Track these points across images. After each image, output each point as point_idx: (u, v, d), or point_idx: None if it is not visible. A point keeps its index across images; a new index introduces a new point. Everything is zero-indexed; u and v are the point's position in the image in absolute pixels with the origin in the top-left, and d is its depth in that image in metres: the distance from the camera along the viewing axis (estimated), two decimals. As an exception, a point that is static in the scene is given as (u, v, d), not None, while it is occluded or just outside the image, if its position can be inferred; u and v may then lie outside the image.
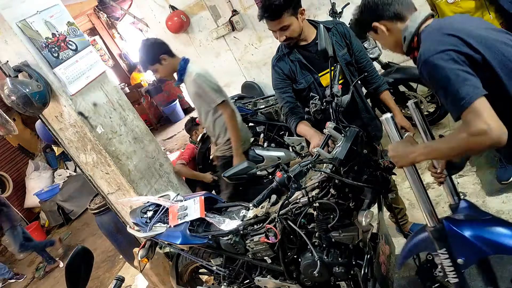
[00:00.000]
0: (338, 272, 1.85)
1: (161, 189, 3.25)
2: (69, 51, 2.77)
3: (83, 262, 1.96)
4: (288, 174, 1.63)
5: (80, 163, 3.02)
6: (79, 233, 6.37)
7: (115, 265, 4.72)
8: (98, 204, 3.46)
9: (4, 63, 2.52)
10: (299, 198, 1.85)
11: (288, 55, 2.21)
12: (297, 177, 1.64)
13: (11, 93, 2.44)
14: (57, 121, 2.81)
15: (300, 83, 2.22)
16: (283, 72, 2.23)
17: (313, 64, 2.18)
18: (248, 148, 3.16)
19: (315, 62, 2.16)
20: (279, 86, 2.27)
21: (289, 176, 1.63)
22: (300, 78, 2.21)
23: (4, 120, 2.96)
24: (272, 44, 4.82)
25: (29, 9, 2.61)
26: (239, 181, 1.85)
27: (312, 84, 2.21)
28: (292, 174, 1.63)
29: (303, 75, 2.21)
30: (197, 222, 2.25)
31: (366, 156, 1.78)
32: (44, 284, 5.29)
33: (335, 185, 1.73)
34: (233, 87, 5.25)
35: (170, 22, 4.84)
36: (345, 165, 1.70)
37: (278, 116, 3.75)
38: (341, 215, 1.76)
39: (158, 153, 3.36)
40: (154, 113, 9.92)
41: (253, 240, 2.03)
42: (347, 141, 1.71)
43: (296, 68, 2.21)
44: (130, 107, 3.23)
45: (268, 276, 2.16)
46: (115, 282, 2.05)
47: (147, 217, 2.34)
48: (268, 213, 2.02)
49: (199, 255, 2.35)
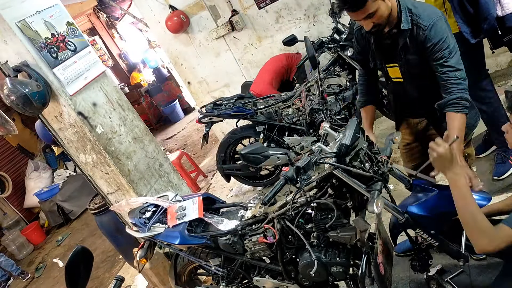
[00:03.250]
0: (336, 271, 1.85)
1: (160, 189, 3.26)
2: (68, 52, 2.77)
3: (83, 262, 1.97)
4: (297, 165, 1.59)
5: (80, 163, 3.02)
6: (78, 233, 6.37)
7: (114, 265, 4.73)
8: (98, 204, 3.46)
9: (4, 63, 2.52)
10: (297, 198, 1.86)
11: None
12: (306, 169, 1.60)
13: (11, 93, 2.44)
14: (57, 121, 2.82)
15: (373, 62, 2.16)
16: (357, 44, 2.19)
17: (382, 53, 2.07)
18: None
19: (386, 52, 2.04)
20: (356, 56, 2.28)
21: (298, 167, 1.58)
22: (372, 60, 2.16)
23: (3, 120, 2.97)
24: (272, 44, 4.83)
25: (29, 9, 2.61)
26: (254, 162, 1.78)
27: (381, 69, 2.16)
28: (301, 165, 1.59)
29: (373, 60, 2.15)
30: (196, 223, 2.25)
31: (366, 149, 1.78)
32: (44, 284, 5.30)
33: (332, 184, 1.74)
34: (233, 87, 5.25)
35: (170, 22, 4.84)
36: (349, 153, 1.68)
37: (278, 116, 3.75)
38: (339, 215, 1.76)
39: (157, 153, 3.37)
40: (154, 113, 9.92)
41: (251, 240, 2.03)
42: (349, 130, 1.70)
43: (369, 49, 2.12)
44: (130, 107, 3.23)
45: (266, 276, 2.17)
46: (115, 282, 2.05)
47: (145, 218, 2.35)
48: (266, 213, 2.02)
49: (197, 255, 2.36)
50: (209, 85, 5.39)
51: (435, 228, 1.77)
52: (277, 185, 1.64)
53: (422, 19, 1.85)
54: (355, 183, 1.68)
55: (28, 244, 6.61)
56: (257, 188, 4.34)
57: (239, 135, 4.01)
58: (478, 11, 2.28)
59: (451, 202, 1.58)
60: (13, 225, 6.90)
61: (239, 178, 4.18)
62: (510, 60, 4.15)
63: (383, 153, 1.84)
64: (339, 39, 3.69)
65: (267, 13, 4.65)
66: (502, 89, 3.73)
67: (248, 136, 4.01)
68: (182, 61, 5.31)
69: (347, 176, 1.67)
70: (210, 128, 4.06)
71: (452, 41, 1.84)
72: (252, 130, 3.89)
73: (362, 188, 1.68)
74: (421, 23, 1.84)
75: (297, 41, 3.86)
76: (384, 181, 1.73)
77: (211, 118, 3.90)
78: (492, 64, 4.10)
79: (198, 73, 5.33)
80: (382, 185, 1.68)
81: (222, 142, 4.07)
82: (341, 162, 1.66)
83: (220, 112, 3.80)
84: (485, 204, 1.68)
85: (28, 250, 6.55)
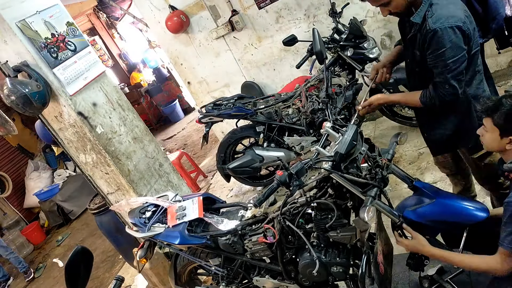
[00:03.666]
0: (336, 271, 1.85)
1: (160, 189, 3.26)
2: (68, 52, 2.77)
3: (83, 262, 1.97)
4: (290, 171, 1.60)
5: (80, 163, 3.02)
6: (78, 233, 6.37)
7: (114, 265, 4.73)
8: (98, 204, 3.46)
9: (4, 63, 2.52)
10: (297, 198, 1.86)
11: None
12: (299, 174, 1.61)
13: (11, 93, 2.44)
14: (57, 121, 2.82)
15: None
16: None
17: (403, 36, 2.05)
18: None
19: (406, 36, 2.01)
20: None
21: (290, 173, 1.60)
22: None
23: (3, 120, 2.97)
24: (272, 44, 4.83)
25: (29, 9, 2.61)
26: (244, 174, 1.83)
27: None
28: (294, 171, 1.60)
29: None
30: (196, 222, 2.26)
31: (365, 153, 1.78)
32: (44, 284, 5.30)
33: (332, 185, 1.74)
34: (233, 87, 5.25)
35: (170, 22, 4.84)
36: (346, 160, 1.69)
37: (278, 116, 3.75)
38: (339, 215, 1.76)
39: (157, 153, 3.37)
40: (154, 113, 9.92)
41: (251, 240, 2.03)
42: (347, 137, 1.70)
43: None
44: (130, 107, 3.23)
45: (266, 276, 2.17)
46: (114, 282, 2.05)
47: (145, 218, 2.35)
48: (266, 213, 2.02)
49: (197, 255, 2.36)
50: (209, 85, 5.39)
51: (430, 233, 1.78)
52: (269, 188, 1.65)
53: (432, 19, 1.77)
54: (351, 186, 1.68)
55: (28, 244, 6.61)
56: (257, 188, 4.34)
57: (239, 135, 4.01)
58: (487, 10, 2.27)
59: (447, 211, 1.66)
60: (13, 225, 6.90)
61: (239, 178, 4.17)
62: (510, 60, 4.16)
63: (385, 155, 1.84)
64: (339, 39, 3.68)
65: (267, 13, 4.65)
66: (502, 89, 3.73)
67: (248, 136, 4.00)
68: (182, 61, 5.31)
69: (344, 180, 1.68)
70: (210, 128, 4.06)
71: (452, 52, 1.75)
72: (252, 130, 3.89)
73: (358, 192, 1.69)
74: (429, 23, 1.78)
75: (297, 41, 3.85)
76: (383, 185, 1.73)
77: (211, 118, 3.90)
78: (492, 64, 4.10)
79: (198, 73, 5.33)
80: (378, 190, 1.69)
81: (222, 142, 4.07)
82: (337, 168, 1.68)
83: (220, 112, 3.80)
84: (485, 216, 1.70)
85: (28, 250, 6.54)
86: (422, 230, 1.76)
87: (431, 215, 1.75)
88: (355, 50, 3.59)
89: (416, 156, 3.53)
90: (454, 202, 1.77)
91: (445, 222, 1.74)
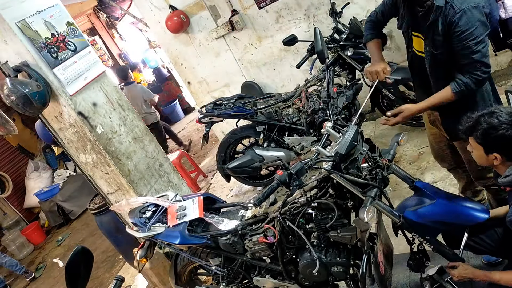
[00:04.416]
0: (336, 271, 1.85)
1: (161, 189, 3.25)
2: (68, 52, 2.77)
3: (83, 262, 1.97)
4: (290, 171, 1.61)
5: (80, 163, 3.02)
6: (78, 233, 6.37)
7: (115, 265, 4.73)
8: (98, 204, 3.46)
9: (4, 63, 2.52)
10: (298, 198, 1.86)
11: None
12: (298, 174, 1.62)
13: (11, 93, 2.44)
14: (57, 121, 2.81)
15: (400, 24, 2.13)
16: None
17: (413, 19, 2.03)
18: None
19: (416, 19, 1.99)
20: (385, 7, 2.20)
21: (290, 173, 1.60)
22: (400, 20, 2.12)
23: (4, 120, 2.97)
24: (272, 44, 4.82)
25: (29, 9, 2.61)
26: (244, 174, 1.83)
27: (405, 34, 2.12)
28: (294, 171, 1.61)
29: (401, 21, 2.11)
30: (196, 222, 2.25)
31: (365, 153, 1.78)
32: (44, 284, 5.30)
33: (333, 184, 1.74)
34: (233, 87, 5.25)
35: (170, 22, 4.84)
36: (346, 160, 1.70)
37: (278, 116, 3.75)
38: (339, 215, 1.76)
39: (157, 153, 3.37)
40: (154, 113, 9.90)
41: (251, 240, 2.03)
42: (347, 137, 1.71)
43: (402, 9, 2.09)
44: (130, 107, 3.23)
45: (266, 276, 2.17)
46: (115, 282, 2.05)
47: (145, 217, 2.35)
48: (266, 213, 2.02)
49: (197, 255, 2.36)
50: (209, 85, 5.39)
51: (430, 234, 1.80)
52: (269, 188, 1.66)
53: (459, 0, 1.79)
54: (351, 186, 1.69)
55: (28, 244, 6.62)
56: (257, 188, 4.34)
57: (239, 135, 4.01)
58: None
59: (448, 211, 1.69)
60: (13, 225, 6.91)
61: (239, 178, 4.17)
62: (510, 60, 4.15)
63: (386, 155, 1.84)
64: (339, 39, 3.68)
65: (267, 13, 4.65)
66: (502, 89, 3.73)
67: (248, 136, 4.00)
68: (182, 61, 5.31)
69: (344, 180, 1.68)
70: (210, 128, 4.06)
71: (481, 31, 1.78)
72: (252, 130, 3.89)
73: (358, 192, 1.69)
74: (455, 4, 1.79)
75: (297, 41, 3.86)
76: (383, 185, 1.73)
77: (211, 118, 3.90)
78: (492, 64, 4.07)
79: (198, 73, 5.33)
80: (378, 191, 1.69)
81: (222, 142, 4.07)
82: (337, 168, 1.68)
83: (220, 112, 3.80)
84: (485, 216, 1.71)
85: (28, 250, 6.55)
86: (422, 230, 1.77)
87: (432, 216, 1.76)
88: (355, 50, 3.60)
89: (416, 156, 3.53)
90: (455, 203, 1.77)
91: (446, 223, 1.75)
